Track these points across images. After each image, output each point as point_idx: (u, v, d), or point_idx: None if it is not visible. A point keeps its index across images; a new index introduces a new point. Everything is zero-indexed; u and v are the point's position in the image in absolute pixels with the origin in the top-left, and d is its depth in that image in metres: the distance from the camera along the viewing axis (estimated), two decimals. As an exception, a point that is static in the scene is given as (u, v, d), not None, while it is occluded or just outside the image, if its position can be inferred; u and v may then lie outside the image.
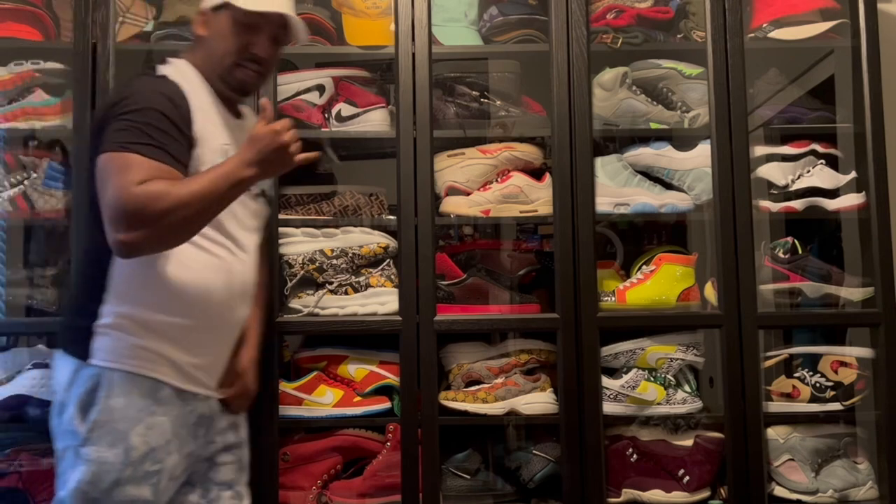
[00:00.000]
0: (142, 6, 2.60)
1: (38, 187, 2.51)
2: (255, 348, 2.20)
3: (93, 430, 1.84)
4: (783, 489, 2.49)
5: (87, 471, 1.83)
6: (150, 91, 1.88)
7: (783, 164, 2.62)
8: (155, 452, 1.87)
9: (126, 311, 1.87)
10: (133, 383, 1.87)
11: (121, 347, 1.87)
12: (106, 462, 1.83)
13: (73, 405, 1.86)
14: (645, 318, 2.53)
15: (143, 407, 1.87)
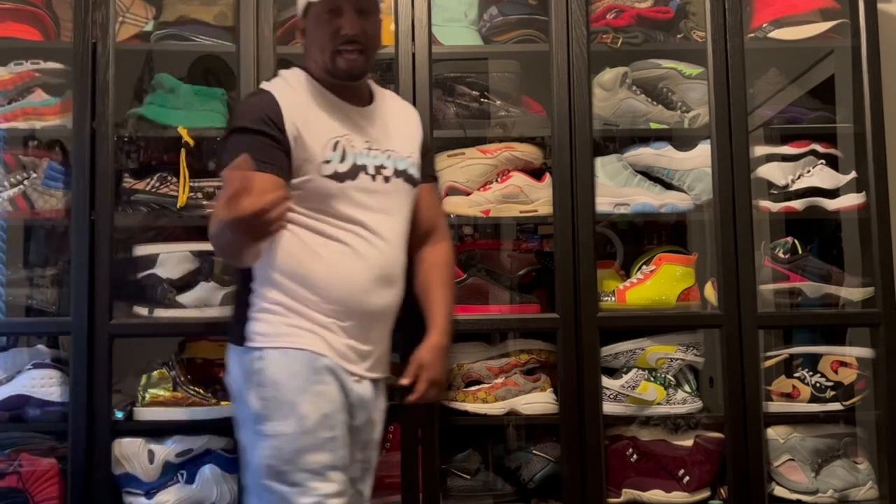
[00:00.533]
0: (142, 6, 2.60)
1: (38, 187, 2.51)
2: (441, 334, 2.15)
3: (266, 407, 1.95)
4: (783, 489, 2.49)
5: (268, 445, 1.93)
6: (243, 110, 2.07)
7: (783, 164, 2.62)
8: (328, 419, 1.96)
9: (274, 297, 1.99)
10: (291, 357, 1.97)
11: (274, 327, 1.99)
12: (283, 434, 1.93)
13: (246, 389, 1.98)
14: (645, 318, 2.53)
15: (306, 376, 1.96)
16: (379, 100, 2.17)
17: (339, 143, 2.02)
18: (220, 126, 2.55)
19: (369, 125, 2.09)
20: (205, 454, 2.44)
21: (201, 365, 2.58)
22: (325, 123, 2.04)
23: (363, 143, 2.06)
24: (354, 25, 2.02)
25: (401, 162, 2.10)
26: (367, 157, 2.05)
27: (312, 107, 2.05)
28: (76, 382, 2.38)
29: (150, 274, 2.50)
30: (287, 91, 2.05)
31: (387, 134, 2.12)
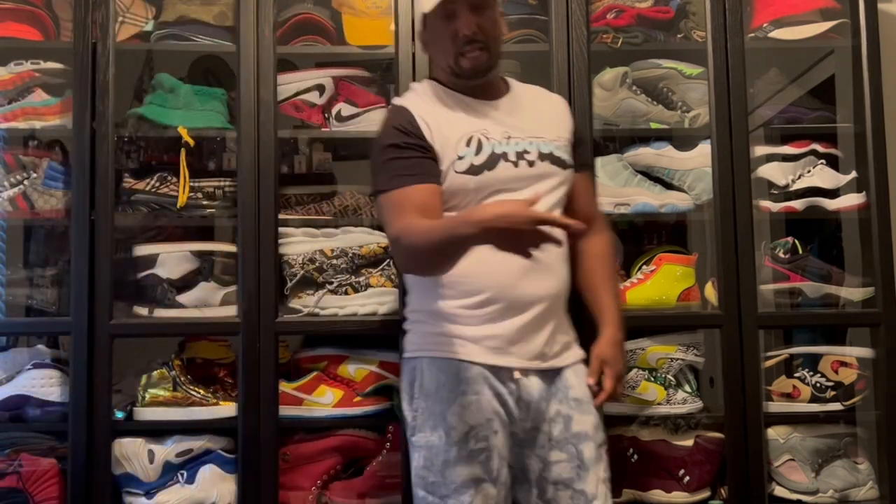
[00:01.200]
0: (142, 6, 2.60)
1: (38, 187, 2.51)
2: (617, 328, 2.11)
3: (417, 418, 2.01)
4: (783, 489, 2.49)
5: (420, 456, 1.99)
6: (382, 129, 2.07)
7: (783, 164, 2.62)
8: (478, 430, 1.95)
9: (420, 306, 2.06)
10: (439, 367, 1.99)
11: (422, 337, 2.04)
12: (433, 446, 1.96)
13: (405, 398, 2.06)
14: (645, 318, 2.53)
15: (453, 387, 1.97)
16: (517, 90, 2.16)
17: (473, 137, 2.03)
18: (219, 126, 2.56)
19: (507, 115, 2.09)
20: (205, 454, 2.45)
21: (201, 365, 2.58)
22: (455, 122, 2.05)
23: (501, 132, 2.05)
24: (470, 25, 2.02)
25: (545, 146, 2.07)
26: (507, 146, 2.04)
27: (442, 110, 2.07)
28: (76, 382, 2.38)
29: (150, 274, 2.50)
30: (417, 101, 2.09)
31: (528, 120, 2.10)
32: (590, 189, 2.22)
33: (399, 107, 2.08)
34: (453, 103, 2.08)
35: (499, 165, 2.02)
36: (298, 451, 2.49)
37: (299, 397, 2.49)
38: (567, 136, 2.15)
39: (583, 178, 2.18)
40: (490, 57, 2.06)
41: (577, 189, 2.15)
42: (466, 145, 2.02)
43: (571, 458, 1.99)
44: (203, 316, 2.49)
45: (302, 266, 2.49)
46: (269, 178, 2.45)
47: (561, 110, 2.21)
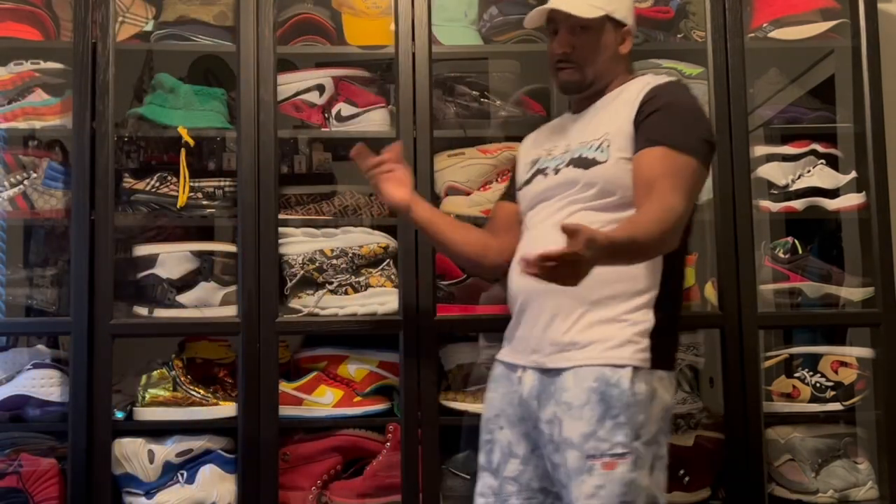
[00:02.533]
0: (142, 6, 2.60)
1: (38, 187, 2.51)
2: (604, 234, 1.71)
3: None
4: (783, 489, 2.49)
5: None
6: None
7: (783, 164, 2.62)
8: (486, 423, 2.07)
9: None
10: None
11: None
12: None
13: None
14: (645, 318, 2.52)
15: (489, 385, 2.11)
16: (609, 97, 2.06)
17: (539, 159, 2.13)
18: (219, 126, 2.56)
19: (577, 127, 2.09)
20: (205, 454, 2.45)
21: (201, 365, 2.58)
22: (529, 148, 2.21)
23: (562, 148, 2.08)
24: (563, 45, 2.05)
25: (577, 150, 2.02)
26: (553, 161, 2.07)
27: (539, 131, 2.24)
28: (76, 382, 2.38)
29: (150, 274, 2.50)
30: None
31: (587, 127, 2.06)
32: (649, 164, 1.90)
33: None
34: (555, 123, 2.21)
35: (535, 180, 2.09)
36: (298, 451, 2.49)
37: (299, 397, 2.49)
38: (623, 125, 1.97)
39: (641, 155, 1.92)
40: (582, 76, 2.06)
41: (634, 168, 1.94)
42: (529, 168, 2.14)
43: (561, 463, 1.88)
44: (203, 316, 2.49)
45: (302, 266, 2.49)
46: (269, 178, 2.45)
47: (629, 98, 2.01)
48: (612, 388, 1.84)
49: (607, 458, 1.82)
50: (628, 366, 1.86)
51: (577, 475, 1.84)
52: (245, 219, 2.44)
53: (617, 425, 1.82)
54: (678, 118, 1.94)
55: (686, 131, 1.92)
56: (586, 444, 1.83)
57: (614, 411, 1.83)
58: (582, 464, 1.83)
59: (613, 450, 1.82)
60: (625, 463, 1.82)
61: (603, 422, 1.83)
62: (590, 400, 1.85)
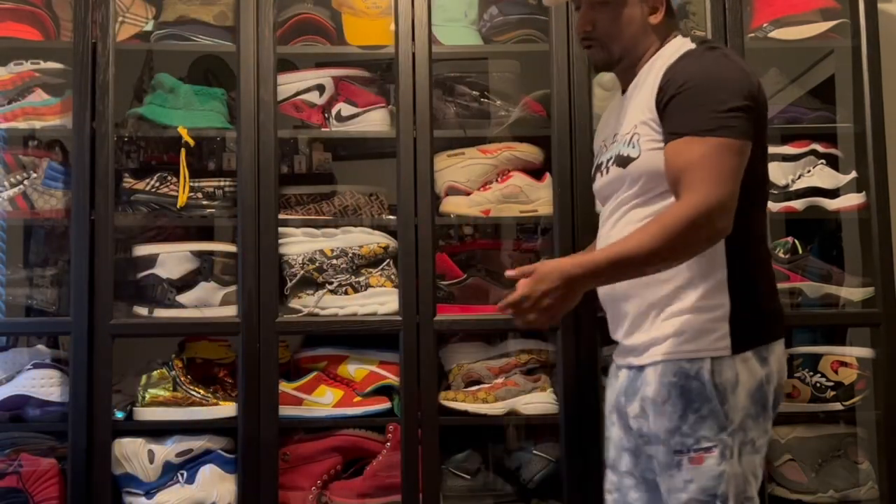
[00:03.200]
0: (142, 6, 2.60)
1: (38, 187, 2.51)
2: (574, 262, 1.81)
3: None
4: (783, 489, 2.49)
5: None
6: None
7: (783, 164, 2.62)
8: (605, 419, 2.08)
9: None
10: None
11: None
12: None
13: None
14: (645, 318, 2.52)
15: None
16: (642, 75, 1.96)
17: (601, 149, 2.08)
18: (219, 126, 2.56)
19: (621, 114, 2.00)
20: (205, 454, 2.45)
21: (201, 365, 2.58)
22: (599, 132, 2.16)
23: (612, 138, 2.01)
24: (584, 23, 2.00)
25: (614, 147, 1.97)
26: (605, 155, 2.02)
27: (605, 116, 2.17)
28: (76, 382, 2.38)
29: (150, 274, 2.50)
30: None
31: (625, 117, 1.97)
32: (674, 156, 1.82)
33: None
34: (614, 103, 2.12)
35: (596, 176, 2.06)
36: (298, 451, 2.49)
37: (299, 397, 2.49)
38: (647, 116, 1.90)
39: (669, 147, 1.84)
40: (608, 53, 1.99)
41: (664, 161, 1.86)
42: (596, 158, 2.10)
43: (650, 457, 1.91)
44: (203, 316, 2.49)
45: (302, 266, 2.49)
46: (269, 178, 2.45)
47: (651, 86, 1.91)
48: (691, 382, 1.83)
49: (693, 453, 1.82)
50: (706, 357, 1.84)
51: (665, 470, 1.85)
52: (245, 219, 2.44)
53: (700, 419, 1.82)
54: (693, 99, 1.83)
55: (703, 111, 1.81)
56: (672, 440, 1.84)
57: (696, 405, 1.82)
58: (670, 459, 1.84)
59: (699, 444, 1.82)
60: (712, 456, 1.81)
61: (686, 416, 1.83)
62: (671, 395, 1.85)
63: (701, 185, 1.76)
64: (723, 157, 1.79)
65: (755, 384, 1.85)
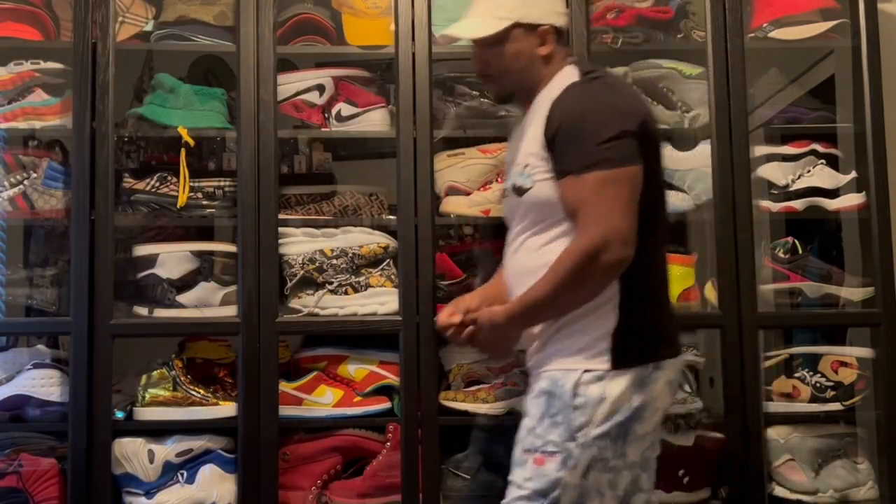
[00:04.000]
0: (142, 6, 2.60)
1: (38, 187, 2.51)
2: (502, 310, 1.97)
3: None
4: (783, 489, 2.49)
5: None
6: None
7: (783, 164, 2.62)
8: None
9: None
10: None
11: None
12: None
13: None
14: (645, 318, 2.52)
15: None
16: (535, 105, 2.02)
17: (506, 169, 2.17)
18: (219, 126, 2.56)
19: (519, 143, 2.04)
20: (205, 454, 2.45)
21: (201, 365, 2.58)
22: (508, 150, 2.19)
23: (512, 164, 2.08)
24: (475, 62, 2.11)
25: (513, 175, 2.03)
26: (508, 179, 2.10)
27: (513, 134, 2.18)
28: (76, 382, 2.38)
29: (150, 274, 2.50)
30: None
31: (520, 144, 2.03)
32: (567, 195, 1.90)
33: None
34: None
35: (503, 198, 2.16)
36: (298, 451, 2.49)
37: (299, 397, 2.49)
38: (537, 149, 1.95)
39: (561, 185, 1.91)
40: (500, 87, 2.09)
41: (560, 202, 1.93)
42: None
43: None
44: (203, 316, 2.49)
45: (302, 266, 2.49)
46: (269, 178, 2.45)
47: (540, 119, 1.96)
48: (558, 389, 1.90)
49: (538, 454, 1.89)
50: (577, 370, 1.89)
51: (515, 465, 1.93)
52: (245, 219, 2.44)
53: (553, 424, 1.88)
54: (572, 135, 1.89)
55: (582, 146, 1.87)
56: (526, 439, 1.92)
57: (553, 410, 1.89)
58: (520, 455, 1.92)
59: (546, 447, 1.88)
60: (553, 461, 1.87)
61: (542, 420, 1.90)
62: (538, 399, 1.93)
63: (589, 221, 1.85)
64: (606, 190, 1.84)
65: (623, 406, 1.88)
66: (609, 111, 1.89)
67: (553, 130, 1.91)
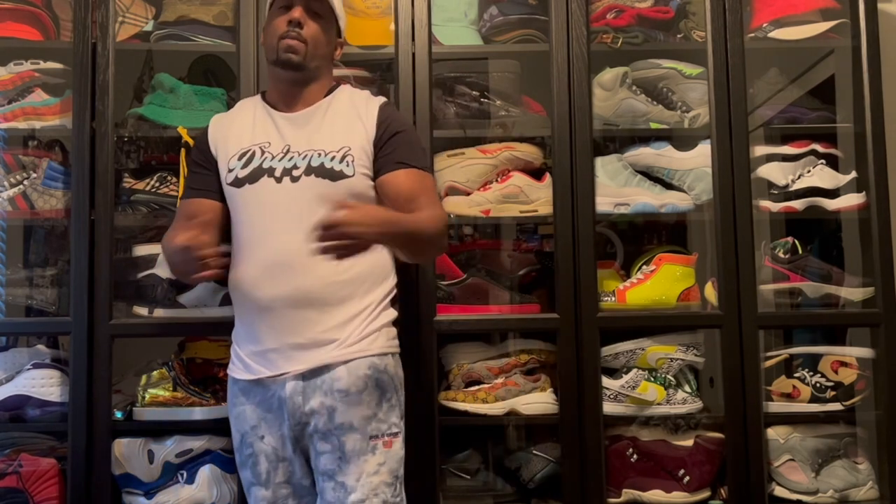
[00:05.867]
0: (141, 6, 2.60)
1: (38, 187, 2.51)
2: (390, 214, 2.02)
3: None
4: (783, 489, 2.49)
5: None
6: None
7: (783, 164, 2.62)
8: (245, 437, 2.13)
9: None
10: (229, 384, 2.18)
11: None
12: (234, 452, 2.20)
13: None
14: (645, 319, 2.53)
15: (231, 401, 2.17)
16: (324, 102, 2.19)
17: (249, 151, 2.16)
18: (220, 126, 2.55)
19: (294, 129, 2.15)
20: (205, 454, 2.45)
21: (201, 365, 2.58)
22: (237, 138, 2.20)
23: (281, 147, 2.14)
24: (302, 15, 2.15)
25: (311, 157, 2.10)
26: (277, 161, 2.12)
27: (236, 125, 2.22)
28: (76, 382, 2.38)
29: (150, 274, 2.50)
30: (221, 118, 2.30)
31: (315, 134, 2.14)
32: (407, 183, 2.12)
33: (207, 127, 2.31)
34: (252, 117, 2.22)
35: (261, 180, 2.12)
36: (298, 451, 2.48)
37: (299, 397, 2.49)
38: (363, 143, 2.13)
39: (396, 175, 2.12)
40: (305, 58, 2.14)
41: (389, 187, 2.12)
42: (238, 159, 2.16)
43: (334, 449, 2.04)
44: (203, 316, 2.49)
45: (302, 266, 2.49)
46: (269, 178, 2.45)
47: (362, 117, 2.17)
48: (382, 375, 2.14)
49: (387, 437, 2.09)
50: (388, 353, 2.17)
51: (359, 455, 2.04)
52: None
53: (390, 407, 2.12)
54: (413, 141, 2.19)
55: (421, 152, 2.22)
56: (368, 427, 2.06)
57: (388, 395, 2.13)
58: (365, 444, 2.05)
59: (391, 429, 2.10)
60: (398, 440, 2.11)
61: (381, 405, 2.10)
62: (367, 386, 2.08)
63: (438, 205, 2.16)
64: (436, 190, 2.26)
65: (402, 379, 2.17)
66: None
67: (391, 132, 2.14)
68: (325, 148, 2.12)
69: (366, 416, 2.05)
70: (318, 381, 2.05)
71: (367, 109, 2.17)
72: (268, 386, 2.09)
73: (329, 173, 2.09)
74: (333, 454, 2.04)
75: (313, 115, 2.17)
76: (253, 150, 2.16)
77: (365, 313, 2.10)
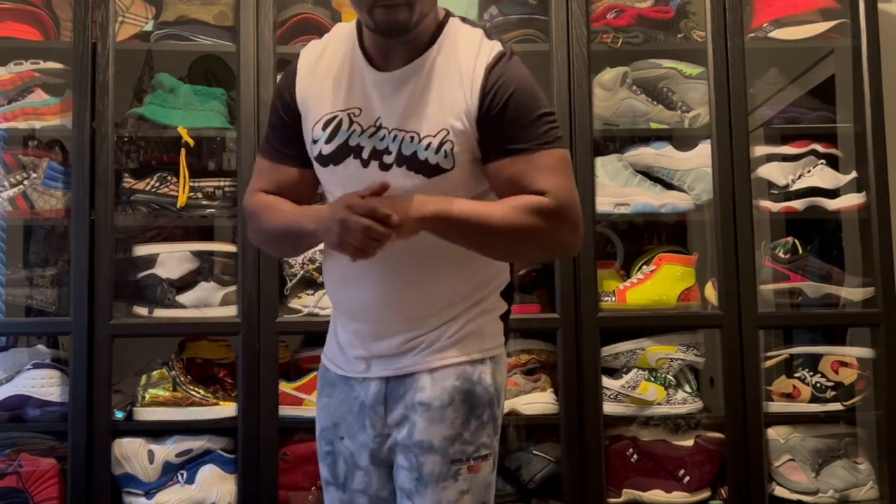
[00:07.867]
0: (142, 6, 2.60)
1: (38, 187, 2.51)
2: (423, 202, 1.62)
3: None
4: (783, 489, 2.49)
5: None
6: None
7: (783, 164, 2.62)
8: (324, 433, 1.83)
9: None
10: (320, 370, 1.90)
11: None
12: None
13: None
14: (645, 318, 2.53)
15: (320, 389, 1.87)
16: (426, 58, 1.68)
17: (335, 119, 1.71)
18: (220, 126, 2.56)
19: (389, 96, 1.69)
20: (205, 454, 2.45)
21: (201, 365, 2.58)
22: (325, 98, 1.73)
23: (369, 119, 1.69)
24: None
25: (402, 142, 1.67)
26: (366, 139, 1.69)
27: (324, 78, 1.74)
28: (76, 382, 2.38)
29: (150, 274, 2.50)
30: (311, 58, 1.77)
31: (412, 108, 1.68)
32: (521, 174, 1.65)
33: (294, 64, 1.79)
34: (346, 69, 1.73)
35: (346, 161, 1.71)
36: (298, 451, 2.48)
37: (299, 397, 2.49)
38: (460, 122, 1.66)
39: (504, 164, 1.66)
40: (410, 17, 1.61)
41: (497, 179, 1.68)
42: (322, 129, 1.72)
43: (411, 467, 1.71)
44: (203, 316, 2.49)
45: (302, 266, 2.49)
46: (269, 178, 2.45)
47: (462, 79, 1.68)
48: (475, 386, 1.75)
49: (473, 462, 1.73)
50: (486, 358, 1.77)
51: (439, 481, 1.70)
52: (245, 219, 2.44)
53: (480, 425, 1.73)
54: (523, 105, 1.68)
55: (536, 120, 1.68)
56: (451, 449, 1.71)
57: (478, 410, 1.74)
58: (446, 469, 1.70)
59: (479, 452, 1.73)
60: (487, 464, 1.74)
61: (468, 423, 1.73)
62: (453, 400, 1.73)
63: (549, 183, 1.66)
64: (569, 165, 1.74)
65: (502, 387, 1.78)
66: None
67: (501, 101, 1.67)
68: (420, 131, 1.66)
69: (448, 437, 1.69)
70: (401, 391, 1.73)
71: (473, 72, 1.67)
72: (352, 385, 1.78)
73: (424, 167, 1.66)
74: (412, 473, 1.71)
75: (410, 76, 1.67)
76: (340, 117, 1.70)
77: (462, 311, 1.73)
